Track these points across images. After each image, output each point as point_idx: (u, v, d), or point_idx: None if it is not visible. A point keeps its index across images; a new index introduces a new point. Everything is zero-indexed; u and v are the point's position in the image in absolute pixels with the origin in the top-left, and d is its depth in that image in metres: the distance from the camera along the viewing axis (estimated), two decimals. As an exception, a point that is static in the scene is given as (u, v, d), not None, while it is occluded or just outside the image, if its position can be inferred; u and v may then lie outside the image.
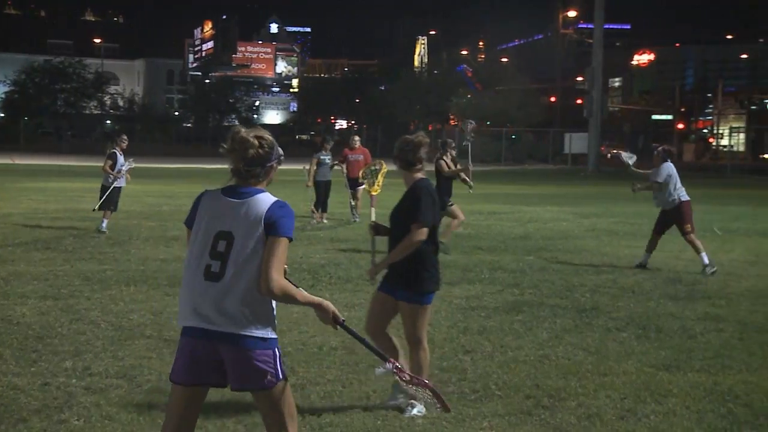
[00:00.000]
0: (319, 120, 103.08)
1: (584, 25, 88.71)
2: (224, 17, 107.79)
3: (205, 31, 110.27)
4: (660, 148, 13.48)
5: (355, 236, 16.18)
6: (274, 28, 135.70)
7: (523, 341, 8.06)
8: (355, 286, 10.92)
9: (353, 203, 19.00)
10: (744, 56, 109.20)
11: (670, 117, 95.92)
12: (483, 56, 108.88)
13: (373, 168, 6.91)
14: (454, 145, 14.42)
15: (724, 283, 11.54)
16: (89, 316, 8.71)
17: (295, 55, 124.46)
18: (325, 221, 18.39)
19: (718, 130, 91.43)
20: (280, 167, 4.35)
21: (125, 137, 16.59)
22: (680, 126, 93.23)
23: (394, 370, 4.50)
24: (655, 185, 12.76)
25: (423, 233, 5.85)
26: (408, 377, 4.53)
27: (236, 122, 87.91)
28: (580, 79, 77.86)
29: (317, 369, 7.04)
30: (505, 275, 11.91)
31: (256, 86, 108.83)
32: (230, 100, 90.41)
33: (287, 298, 4.02)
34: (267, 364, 3.98)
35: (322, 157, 18.65)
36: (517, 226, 18.68)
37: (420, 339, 5.98)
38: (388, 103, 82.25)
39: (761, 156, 64.23)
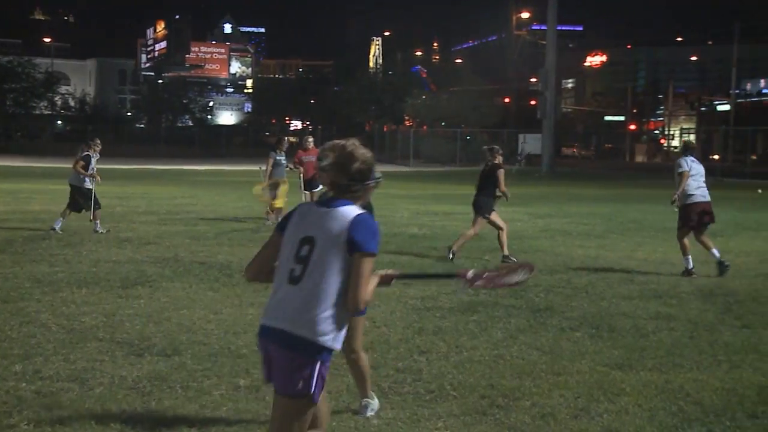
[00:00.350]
0: (273, 120, 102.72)
1: (537, 27, 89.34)
2: (177, 17, 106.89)
3: (157, 31, 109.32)
4: (683, 142, 13.37)
5: (310, 237, 16.10)
6: (227, 28, 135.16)
7: (478, 341, 8.09)
8: (310, 288, 10.87)
9: None
10: (693, 58, 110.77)
11: (622, 118, 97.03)
12: (437, 57, 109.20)
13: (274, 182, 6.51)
14: (501, 151, 14.35)
15: (675, 283, 11.67)
16: (40, 319, 8.58)
17: (249, 55, 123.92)
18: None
19: (669, 131, 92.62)
20: (233, 168, 4.32)
21: (98, 141, 16.85)
22: (632, 127, 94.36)
23: (467, 286, 4.37)
24: (681, 178, 12.46)
25: None
26: (482, 283, 4.40)
27: (190, 123, 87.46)
28: (533, 80, 78.46)
29: (272, 371, 7.00)
30: (460, 276, 11.92)
31: (209, 86, 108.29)
32: (184, 101, 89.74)
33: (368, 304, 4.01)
34: (303, 371, 3.91)
35: (277, 158, 18.56)
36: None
37: (356, 349, 5.90)
38: (342, 104, 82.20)
39: (711, 157, 65.14)
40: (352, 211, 4.01)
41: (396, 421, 5.88)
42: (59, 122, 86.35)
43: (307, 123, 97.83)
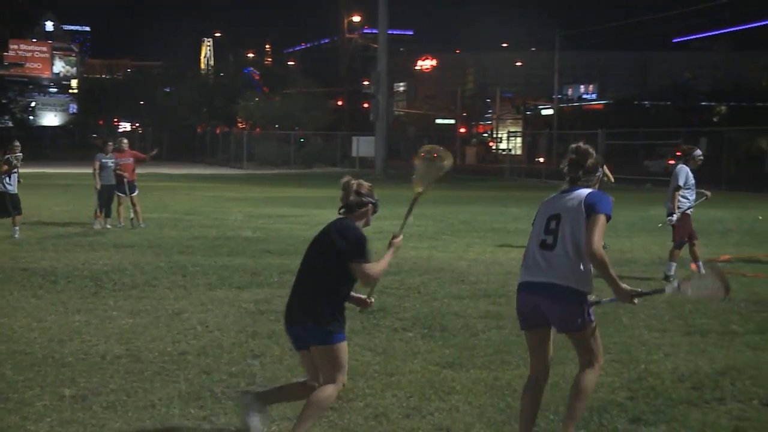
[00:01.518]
0: (101, 122, 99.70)
1: (369, 30, 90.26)
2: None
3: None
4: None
5: (140, 241, 15.75)
6: (49, 26, 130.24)
7: (312, 344, 8.07)
8: (141, 293, 10.63)
9: (132, 211, 18.33)
10: (518, 64, 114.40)
11: (452, 121, 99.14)
12: (270, 59, 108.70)
13: None
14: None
15: (503, 282, 11.96)
16: None
17: (73, 54, 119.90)
18: (108, 226, 17.79)
19: (497, 134, 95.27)
20: (58, 170, 4.19)
21: (18, 144, 16.61)
22: (462, 130, 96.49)
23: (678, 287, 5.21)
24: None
25: None
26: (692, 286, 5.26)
27: (10, 124, 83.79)
28: (366, 83, 79.13)
29: (100, 378, 6.80)
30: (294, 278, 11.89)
31: (31, 86, 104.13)
32: (3, 101, 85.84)
33: (600, 264, 4.96)
34: (577, 311, 5.04)
35: (103, 161, 18.05)
36: (306, 229, 18.73)
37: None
38: (173, 106, 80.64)
39: (537, 159, 67.46)
40: (586, 190, 5.19)
41: (229, 426, 5.81)
42: None
43: (137, 125, 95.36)
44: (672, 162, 47.92)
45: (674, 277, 12.09)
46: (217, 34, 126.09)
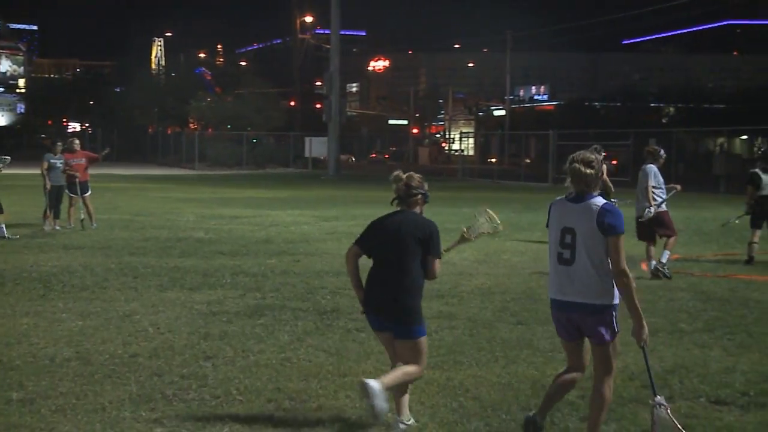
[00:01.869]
0: (50, 122, 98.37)
1: (321, 31, 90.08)
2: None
3: None
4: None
5: (90, 242, 15.58)
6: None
7: (265, 345, 8.06)
8: (91, 294, 10.51)
9: (83, 213, 18.14)
10: (471, 64, 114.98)
11: (405, 122, 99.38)
12: (222, 59, 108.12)
13: None
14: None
15: (456, 282, 12.01)
16: None
17: (20, 53, 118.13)
18: (58, 228, 17.58)
19: (449, 134, 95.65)
20: (6, 171, 4.15)
21: None
22: (415, 131, 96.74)
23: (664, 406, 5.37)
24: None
25: None
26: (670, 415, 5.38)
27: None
28: (318, 83, 78.96)
29: (49, 381, 6.72)
30: (247, 279, 11.87)
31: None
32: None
33: (626, 286, 5.16)
34: (608, 325, 5.28)
35: (52, 161, 17.84)
36: (258, 229, 18.67)
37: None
38: (123, 106, 79.83)
39: (489, 159, 67.82)
40: (597, 202, 5.27)
41: (180, 428, 5.76)
42: None
43: (86, 125, 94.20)
44: None
45: (659, 265, 12.54)
46: (168, 34, 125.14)
